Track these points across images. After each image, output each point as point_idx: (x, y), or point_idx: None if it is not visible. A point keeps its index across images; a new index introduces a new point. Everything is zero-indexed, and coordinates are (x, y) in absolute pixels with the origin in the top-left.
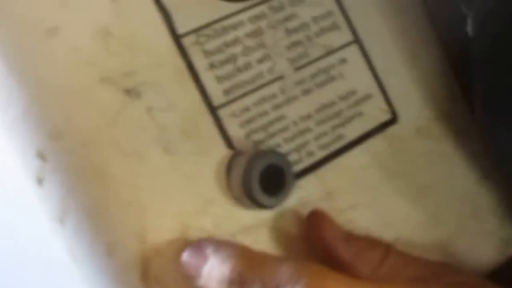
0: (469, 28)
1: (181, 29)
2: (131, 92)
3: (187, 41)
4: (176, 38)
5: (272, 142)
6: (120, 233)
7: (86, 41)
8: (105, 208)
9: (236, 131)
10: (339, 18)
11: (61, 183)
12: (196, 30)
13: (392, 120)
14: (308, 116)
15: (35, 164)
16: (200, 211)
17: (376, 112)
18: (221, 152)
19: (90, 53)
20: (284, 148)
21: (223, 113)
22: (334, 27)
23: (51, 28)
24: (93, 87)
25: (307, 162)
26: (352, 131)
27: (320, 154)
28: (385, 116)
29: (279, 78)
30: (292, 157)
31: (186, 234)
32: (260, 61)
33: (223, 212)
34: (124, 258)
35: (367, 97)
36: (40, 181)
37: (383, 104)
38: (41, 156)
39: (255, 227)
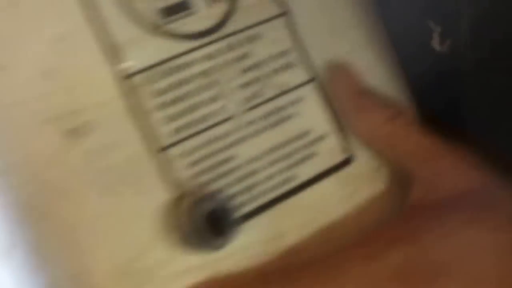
0: (435, 43)
1: (130, 68)
2: (73, 133)
3: (136, 81)
4: (124, 77)
5: (221, 183)
6: (59, 274)
7: (32, 81)
8: (46, 247)
9: (183, 172)
10: (296, 56)
11: (9, 217)
12: (145, 69)
13: (347, 161)
14: (259, 157)
15: None
16: (142, 252)
17: (331, 153)
18: (165, 194)
19: (35, 93)
20: (234, 189)
21: (170, 153)
22: (290, 65)
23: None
24: (35, 127)
25: (256, 203)
26: (304, 172)
27: (270, 195)
28: (340, 157)
29: (231, 117)
30: (242, 198)
31: (127, 276)
32: (212, 100)
33: (166, 254)
34: None
35: (322, 137)
36: None
37: (339, 144)
38: None
39: (199, 268)
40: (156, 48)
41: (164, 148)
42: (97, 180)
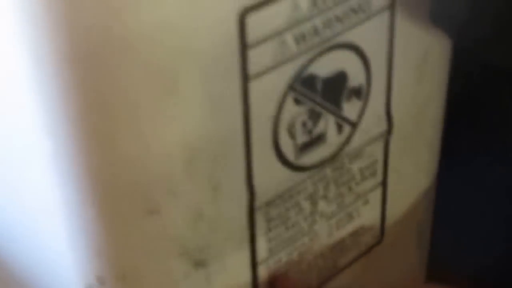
0: None
1: (258, 202)
2: (199, 263)
3: (259, 213)
4: (252, 211)
5: None
6: None
7: (179, 223)
8: None
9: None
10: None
11: None
12: (269, 202)
13: None
14: None
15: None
16: None
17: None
18: None
19: (180, 233)
20: None
21: (261, 267)
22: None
23: (152, 209)
24: (171, 259)
25: None
26: None
27: None
28: None
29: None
30: None
31: None
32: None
33: None
34: None
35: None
36: None
37: None
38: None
39: None
40: (281, 180)
41: (258, 264)
42: None
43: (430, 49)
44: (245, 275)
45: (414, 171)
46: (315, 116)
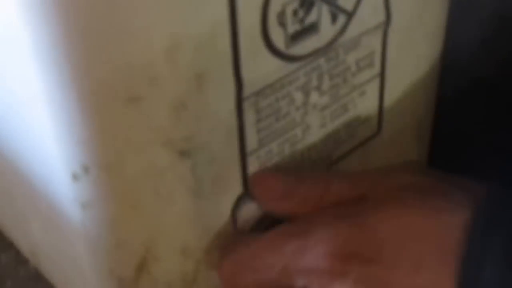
0: None
1: (246, 92)
2: (184, 154)
3: (247, 103)
4: (240, 101)
5: None
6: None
7: (161, 112)
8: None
9: (255, 170)
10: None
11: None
12: (258, 92)
13: None
14: None
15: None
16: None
17: None
18: (237, 192)
19: (162, 122)
20: None
21: (251, 158)
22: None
23: (134, 97)
24: (155, 148)
25: None
26: None
27: None
28: None
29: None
30: None
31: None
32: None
33: (220, 234)
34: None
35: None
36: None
37: None
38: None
39: None
40: (272, 71)
41: (247, 154)
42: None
43: None
44: (234, 166)
45: (413, 64)
46: (307, 4)
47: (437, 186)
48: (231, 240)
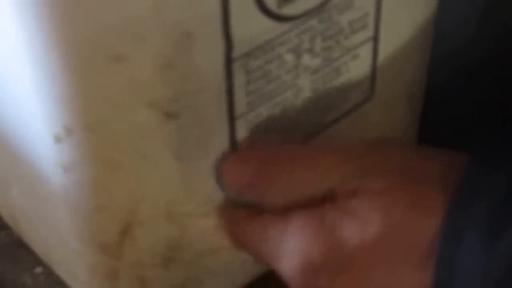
0: None
1: (235, 53)
2: (170, 115)
3: (236, 64)
4: (229, 62)
5: None
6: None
7: (146, 71)
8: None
9: (244, 135)
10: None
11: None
12: (248, 53)
13: None
14: None
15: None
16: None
17: None
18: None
19: (147, 82)
20: None
21: (239, 122)
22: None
23: (117, 56)
24: (139, 109)
25: None
26: None
27: None
28: None
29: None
30: None
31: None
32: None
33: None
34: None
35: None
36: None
37: None
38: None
39: None
40: (261, 31)
41: (236, 118)
42: (178, 148)
43: None
44: (222, 130)
45: (407, 27)
46: None
47: (412, 176)
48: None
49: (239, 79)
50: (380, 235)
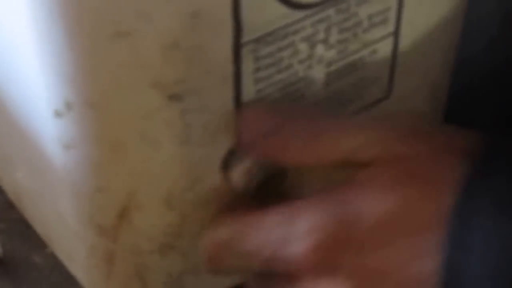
0: None
1: (245, 37)
2: (174, 97)
3: (245, 50)
4: (238, 47)
5: None
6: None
7: (151, 50)
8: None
9: None
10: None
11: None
12: (259, 39)
13: None
14: None
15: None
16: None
17: None
18: (229, 144)
19: (152, 61)
20: None
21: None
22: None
23: (122, 32)
24: (143, 89)
25: None
26: None
27: None
28: None
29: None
30: None
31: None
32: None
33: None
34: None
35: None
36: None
37: None
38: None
39: None
40: (273, 17)
41: (243, 104)
42: (181, 133)
43: None
44: (227, 116)
45: (432, 24)
46: None
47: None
48: (218, 209)
49: (247, 65)
50: (398, 205)
